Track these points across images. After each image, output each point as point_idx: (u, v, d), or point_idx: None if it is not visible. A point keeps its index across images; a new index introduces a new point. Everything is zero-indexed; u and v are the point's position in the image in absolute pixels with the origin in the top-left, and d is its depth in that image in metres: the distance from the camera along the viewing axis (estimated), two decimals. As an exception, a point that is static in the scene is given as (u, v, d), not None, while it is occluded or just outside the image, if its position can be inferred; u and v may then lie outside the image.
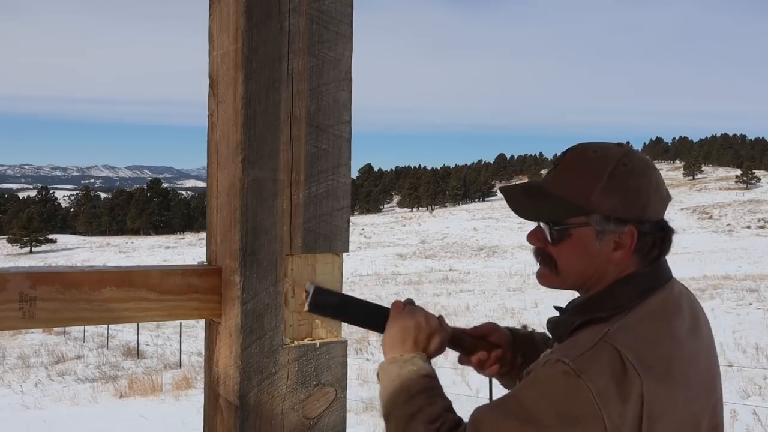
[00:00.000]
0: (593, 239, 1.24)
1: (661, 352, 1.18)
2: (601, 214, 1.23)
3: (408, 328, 1.31)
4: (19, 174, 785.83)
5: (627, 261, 1.25)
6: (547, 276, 1.32)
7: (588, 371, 1.11)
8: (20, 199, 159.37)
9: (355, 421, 8.99)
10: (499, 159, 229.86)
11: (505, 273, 42.31)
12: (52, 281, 1.08)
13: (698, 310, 1.33)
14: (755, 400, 8.84)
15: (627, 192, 1.23)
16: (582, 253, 1.26)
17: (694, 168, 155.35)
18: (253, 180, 1.15)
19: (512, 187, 1.34)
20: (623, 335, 1.17)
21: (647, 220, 1.25)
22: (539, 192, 1.29)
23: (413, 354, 1.30)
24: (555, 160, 1.32)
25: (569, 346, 1.19)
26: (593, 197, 1.23)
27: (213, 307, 1.20)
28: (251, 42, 1.13)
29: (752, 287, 24.38)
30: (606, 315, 1.22)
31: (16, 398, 12.42)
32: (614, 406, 1.10)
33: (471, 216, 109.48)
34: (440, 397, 1.27)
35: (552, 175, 1.30)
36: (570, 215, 1.25)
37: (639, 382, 1.12)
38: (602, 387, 1.10)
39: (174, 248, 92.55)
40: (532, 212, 1.30)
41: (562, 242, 1.26)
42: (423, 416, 1.22)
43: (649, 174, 1.26)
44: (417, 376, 1.27)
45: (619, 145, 1.29)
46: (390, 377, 1.29)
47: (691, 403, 1.21)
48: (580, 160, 1.27)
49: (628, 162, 1.24)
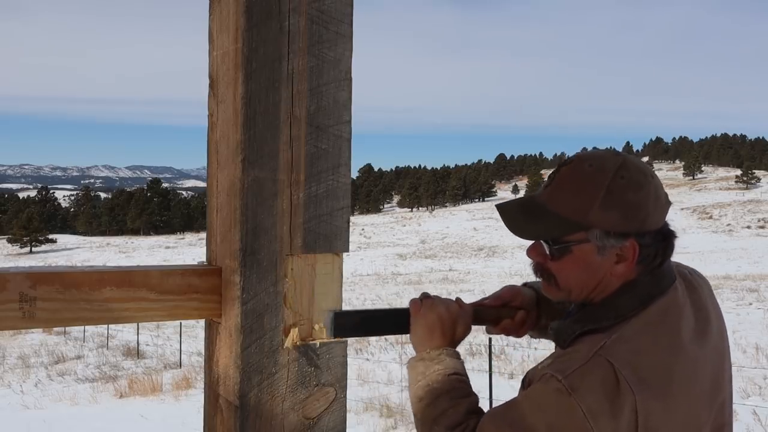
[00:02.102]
0: (594, 254, 1.23)
1: (660, 364, 1.17)
2: (601, 230, 1.21)
3: (432, 323, 1.33)
4: (19, 174, 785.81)
5: (630, 273, 1.24)
6: (550, 290, 1.31)
7: (579, 389, 1.12)
8: (20, 199, 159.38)
9: (355, 421, 9.00)
10: (499, 159, 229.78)
11: (505, 273, 42.32)
12: (52, 281, 1.08)
13: (708, 310, 1.31)
14: (755, 400, 8.84)
15: (626, 206, 1.20)
16: (583, 268, 1.24)
17: (694, 168, 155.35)
18: (253, 180, 1.15)
19: (508, 206, 1.31)
20: (620, 348, 1.17)
21: (648, 232, 1.23)
22: (536, 210, 1.27)
23: (440, 350, 1.32)
24: (550, 174, 1.30)
25: (565, 359, 1.19)
26: (591, 213, 1.20)
27: (213, 307, 1.20)
28: (251, 42, 1.13)
29: (752, 287, 24.38)
30: (607, 324, 1.21)
31: (16, 398, 12.42)
32: (605, 422, 1.10)
33: (471, 216, 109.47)
34: (464, 397, 1.27)
35: (548, 191, 1.27)
36: (569, 232, 1.23)
37: (632, 398, 1.12)
38: (593, 404, 1.11)
39: (174, 248, 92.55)
40: (531, 232, 1.28)
41: (562, 258, 1.25)
42: (446, 420, 1.24)
43: (647, 184, 1.22)
44: (442, 376, 1.28)
45: (616, 155, 1.25)
46: (416, 377, 1.31)
47: (693, 410, 1.20)
48: (576, 174, 1.24)
49: (626, 174, 1.21)
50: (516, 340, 14.74)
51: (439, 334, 1.33)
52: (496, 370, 10.59)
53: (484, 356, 10.20)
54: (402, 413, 9.42)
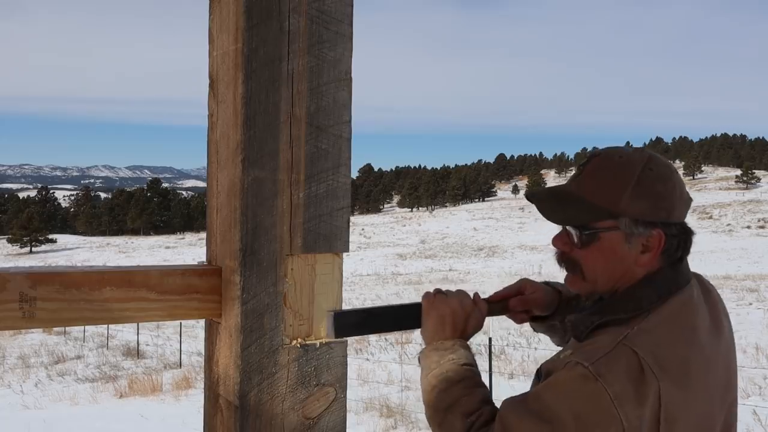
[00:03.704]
0: (622, 243, 1.26)
1: (679, 356, 1.19)
2: (630, 218, 1.24)
3: (445, 316, 1.34)
4: (19, 174, 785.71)
5: (653, 263, 1.27)
6: (575, 281, 1.32)
7: (606, 375, 1.13)
8: (20, 199, 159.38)
9: (355, 421, 9.00)
10: (499, 159, 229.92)
11: (505, 273, 42.30)
12: (52, 281, 1.08)
13: (720, 310, 1.35)
14: (755, 400, 8.84)
15: (654, 196, 1.25)
16: (610, 257, 1.27)
17: (694, 168, 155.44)
18: (253, 180, 1.15)
19: (539, 191, 1.36)
20: (643, 338, 1.18)
21: (673, 223, 1.27)
22: (568, 196, 1.31)
23: (453, 341, 1.33)
24: (579, 165, 1.34)
25: (589, 348, 1.20)
26: (622, 201, 1.24)
27: (213, 307, 1.20)
28: (251, 42, 1.13)
29: (752, 287, 24.40)
30: (625, 317, 1.23)
31: (16, 398, 12.42)
32: (632, 408, 1.11)
33: (471, 216, 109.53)
34: (478, 386, 1.29)
35: (578, 181, 1.31)
36: (599, 219, 1.26)
37: (656, 384, 1.13)
38: (619, 390, 1.12)
39: (174, 248, 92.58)
40: (561, 216, 1.31)
41: (590, 246, 1.27)
42: (461, 408, 1.25)
43: (673, 178, 1.28)
44: (457, 365, 1.30)
45: (642, 150, 1.31)
46: (429, 365, 1.32)
47: (708, 405, 1.22)
48: (606, 165, 1.28)
49: (654, 167, 1.27)
50: (516, 340, 14.75)
51: (451, 326, 1.34)
52: (496, 370, 10.59)
53: (484, 356, 10.20)
54: (402, 413, 9.42)
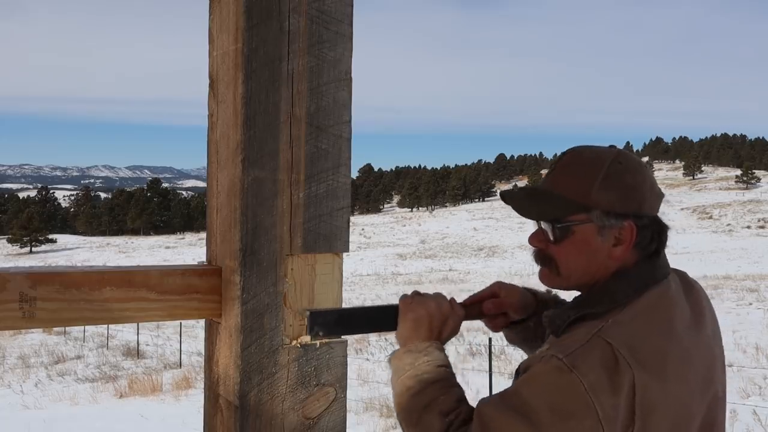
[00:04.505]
0: (595, 235, 1.28)
1: (654, 347, 1.20)
2: (602, 210, 1.27)
3: (421, 319, 1.34)
4: (19, 174, 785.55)
5: (627, 256, 1.29)
6: (549, 276, 1.35)
7: (580, 366, 1.15)
8: (20, 199, 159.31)
9: (355, 421, 9.00)
10: (499, 159, 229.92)
11: (505, 273, 42.33)
12: (52, 281, 1.08)
13: (704, 306, 1.36)
14: (755, 400, 8.84)
15: (624, 187, 1.28)
16: (584, 250, 1.29)
17: (694, 168, 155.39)
18: (253, 180, 1.15)
19: (513, 191, 1.39)
20: (617, 330, 1.20)
21: (644, 215, 1.29)
22: (541, 193, 1.34)
23: (428, 343, 1.32)
24: (552, 163, 1.38)
25: (564, 342, 1.22)
26: (593, 193, 1.28)
27: (213, 307, 1.20)
28: (251, 42, 1.13)
29: (752, 287, 24.40)
30: (602, 310, 1.25)
31: (16, 398, 12.42)
32: (606, 398, 1.13)
33: (471, 216, 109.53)
34: (454, 386, 1.29)
35: (551, 177, 1.35)
36: (571, 212, 1.29)
37: (630, 374, 1.15)
38: (594, 380, 1.13)
39: (174, 248, 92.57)
40: (535, 210, 1.34)
41: (564, 240, 1.30)
42: (438, 407, 1.25)
43: (642, 171, 1.32)
44: (432, 366, 1.30)
45: (612, 147, 1.35)
46: (404, 367, 1.31)
47: (687, 397, 1.23)
48: (577, 161, 1.33)
49: (623, 160, 1.31)
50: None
51: (427, 329, 1.33)
52: (496, 370, 10.59)
53: (484, 356, 10.20)
54: (402, 413, 9.40)
